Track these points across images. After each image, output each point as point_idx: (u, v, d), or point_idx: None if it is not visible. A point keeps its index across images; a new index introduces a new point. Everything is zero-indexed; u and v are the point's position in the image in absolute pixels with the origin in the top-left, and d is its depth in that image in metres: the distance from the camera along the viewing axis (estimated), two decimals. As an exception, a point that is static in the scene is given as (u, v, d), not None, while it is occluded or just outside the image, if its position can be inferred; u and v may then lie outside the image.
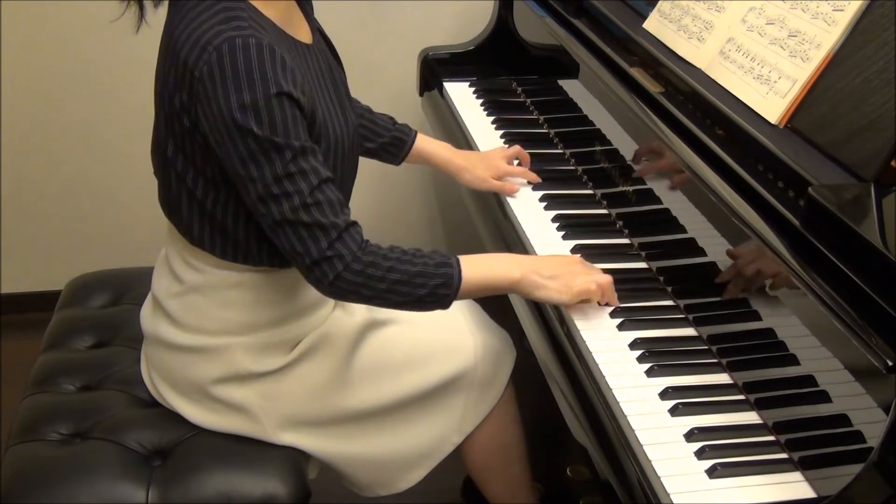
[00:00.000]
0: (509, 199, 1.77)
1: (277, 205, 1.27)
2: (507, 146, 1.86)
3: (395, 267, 1.33)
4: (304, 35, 1.42)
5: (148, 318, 1.54)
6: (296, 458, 1.48)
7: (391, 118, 1.78)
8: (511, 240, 1.68)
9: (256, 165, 1.26)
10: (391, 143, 1.75)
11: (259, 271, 1.43)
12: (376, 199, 2.70)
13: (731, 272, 1.35)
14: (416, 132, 1.78)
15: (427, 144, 1.79)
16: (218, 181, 1.35)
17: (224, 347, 1.44)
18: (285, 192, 1.26)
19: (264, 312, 1.45)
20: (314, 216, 1.28)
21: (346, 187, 1.46)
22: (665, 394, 1.28)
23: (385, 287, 1.33)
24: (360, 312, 1.55)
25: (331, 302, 1.54)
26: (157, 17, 1.40)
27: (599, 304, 1.45)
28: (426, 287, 1.34)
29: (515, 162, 1.84)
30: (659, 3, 1.73)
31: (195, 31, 1.27)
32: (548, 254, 1.60)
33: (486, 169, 1.79)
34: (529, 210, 1.74)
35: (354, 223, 1.33)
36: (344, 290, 1.32)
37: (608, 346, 1.38)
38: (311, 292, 1.48)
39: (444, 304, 1.38)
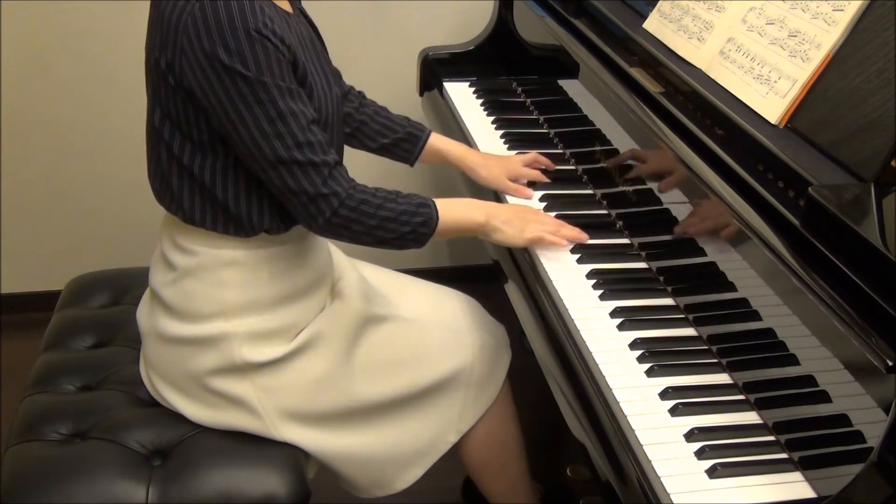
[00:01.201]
0: (510, 200, 1.77)
1: (270, 146, 1.32)
2: (524, 153, 1.86)
3: (383, 205, 1.41)
4: (284, 6, 1.45)
5: (145, 314, 1.54)
6: (296, 457, 1.48)
7: (406, 117, 1.79)
8: (511, 240, 1.68)
9: (247, 108, 1.30)
10: (406, 138, 1.76)
11: (251, 248, 1.44)
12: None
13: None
14: (430, 130, 1.79)
15: (442, 142, 1.80)
16: (205, 144, 1.37)
17: (221, 336, 1.44)
18: (277, 132, 1.31)
19: (259, 292, 1.45)
20: (307, 155, 1.34)
21: None
22: (665, 394, 1.28)
23: (375, 223, 1.41)
24: (358, 305, 1.55)
25: (325, 288, 1.55)
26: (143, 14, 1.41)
27: (556, 241, 1.57)
28: (409, 224, 1.44)
29: None
30: (659, 3, 1.73)
31: None
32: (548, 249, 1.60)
33: (501, 169, 1.79)
34: (529, 210, 1.74)
35: (340, 162, 1.40)
36: (338, 226, 1.39)
37: (608, 346, 1.38)
38: (306, 273, 1.49)
39: (422, 242, 1.47)
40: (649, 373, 1.32)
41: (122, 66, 2.40)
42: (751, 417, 1.26)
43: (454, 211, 1.51)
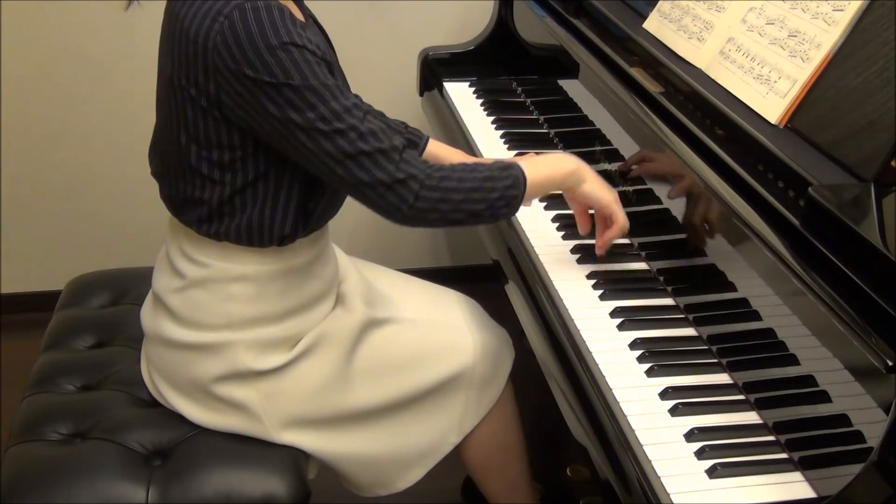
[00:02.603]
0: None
1: (334, 144, 1.28)
2: (524, 153, 1.85)
3: (465, 176, 1.37)
4: (298, 15, 1.43)
5: (148, 316, 1.54)
6: (296, 458, 1.48)
7: (403, 122, 1.77)
8: (512, 241, 1.68)
9: (300, 115, 1.26)
10: (405, 144, 1.74)
11: (262, 263, 1.43)
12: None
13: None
14: (428, 137, 1.78)
15: (439, 149, 1.78)
16: (236, 162, 1.35)
17: (226, 344, 1.44)
18: (336, 129, 1.28)
19: (267, 306, 1.45)
20: (372, 144, 1.30)
21: None
22: (665, 394, 1.28)
23: (461, 197, 1.36)
24: (360, 309, 1.55)
25: (332, 297, 1.54)
26: (152, 14, 1.40)
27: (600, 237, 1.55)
28: (497, 190, 1.38)
29: None
30: (659, 3, 1.73)
31: (201, 7, 1.28)
32: (548, 250, 1.60)
33: None
34: (530, 210, 1.74)
35: (409, 145, 1.36)
36: (424, 209, 1.34)
37: (608, 346, 1.38)
38: (314, 285, 1.49)
39: (514, 206, 1.42)
40: (649, 373, 1.32)
41: (121, 67, 2.40)
42: (751, 417, 1.26)
43: (540, 166, 1.47)
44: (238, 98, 1.28)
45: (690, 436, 1.21)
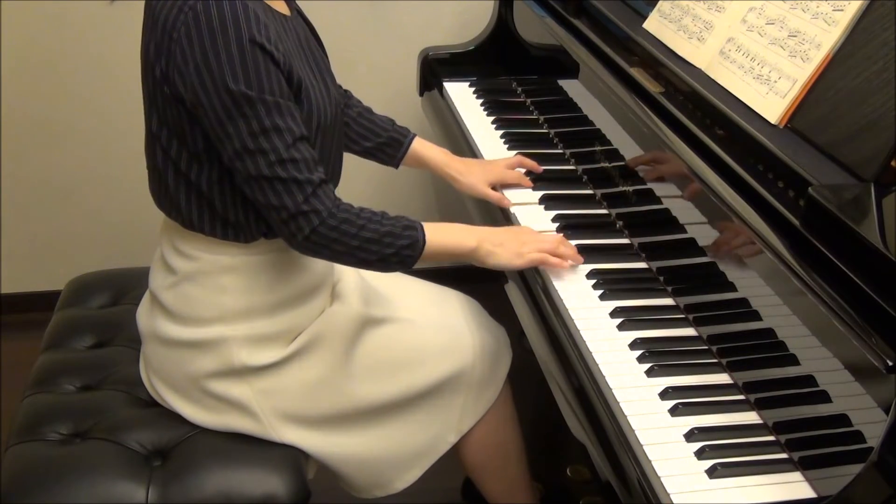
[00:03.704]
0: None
1: (253, 160, 1.31)
2: (510, 156, 1.85)
3: (366, 225, 1.39)
4: (281, 9, 1.44)
5: (144, 316, 1.54)
6: (296, 458, 1.48)
7: (391, 120, 1.77)
8: (511, 240, 1.68)
9: (231, 121, 1.29)
10: (388, 142, 1.75)
11: (251, 254, 1.44)
12: (376, 205, 2.70)
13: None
14: (414, 135, 1.77)
15: (424, 148, 1.77)
16: (201, 152, 1.37)
17: (220, 340, 1.44)
18: (260, 148, 1.30)
19: (259, 298, 1.45)
20: (290, 172, 1.32)
21: (332, 169, 1.48)
22: (665, 394, 1.28)
23: (357, 244, 1.38)
24: (357, 307, 1.55)
25: (325, 293, 1.55)
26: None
27: (558, 263, 1.53)
28: (393, 247, 1.40)
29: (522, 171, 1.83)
30: (659, 3, 1.73)
31: None
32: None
33: (482, 175, 1.77)
34: (529, 210, 1.74)
35: (327, 181, 1.38)
36: (318, 244, 1.37)
37: (608, 346, 1.38)
38: (305, 278, 1.49)
39: (408, 265, 1.44)
40: (649, 373, 1.32)
41: (121, 66, 2.40)
42: (751, 417, 1.26)
43: (443, 235, 1.47)
44: (185, 87, 1.30)
45: (690, 436, 1.21)
